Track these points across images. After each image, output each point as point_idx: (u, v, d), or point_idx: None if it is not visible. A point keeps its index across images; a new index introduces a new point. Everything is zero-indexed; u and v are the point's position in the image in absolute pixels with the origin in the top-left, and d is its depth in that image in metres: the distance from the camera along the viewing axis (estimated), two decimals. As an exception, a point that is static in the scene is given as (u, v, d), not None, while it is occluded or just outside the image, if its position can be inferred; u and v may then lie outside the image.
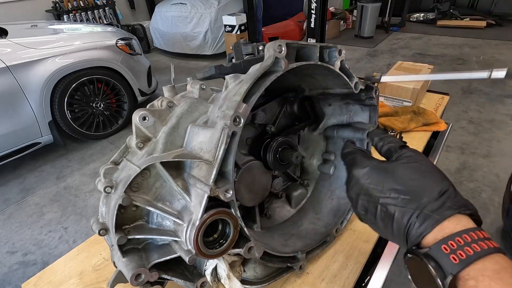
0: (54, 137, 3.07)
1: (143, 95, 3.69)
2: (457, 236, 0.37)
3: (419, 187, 0.42)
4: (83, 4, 5.78)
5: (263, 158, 0.77)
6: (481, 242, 0.36)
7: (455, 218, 0.39)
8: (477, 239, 0.36)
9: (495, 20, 6.81)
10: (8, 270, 2.09)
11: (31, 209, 2.61)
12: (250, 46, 0.95)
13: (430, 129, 1.37)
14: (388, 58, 5.39)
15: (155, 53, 6.80)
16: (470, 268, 0.35)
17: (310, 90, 0.88)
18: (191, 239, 0.52)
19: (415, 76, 1.49)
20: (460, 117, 3.40)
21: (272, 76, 0.58)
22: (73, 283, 0.82)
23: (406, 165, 0.46)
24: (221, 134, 0.52)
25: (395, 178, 0.45)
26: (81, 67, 3.06)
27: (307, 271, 0.79)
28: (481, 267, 0.35)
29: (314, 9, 4.40)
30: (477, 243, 0.36)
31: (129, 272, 0.52)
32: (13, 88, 2.66)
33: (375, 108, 0.83)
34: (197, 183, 0.53)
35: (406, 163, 0.46)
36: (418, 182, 0.43)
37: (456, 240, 0.37)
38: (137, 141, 0.61)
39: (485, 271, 0.34)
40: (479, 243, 0.36)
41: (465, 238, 0.36)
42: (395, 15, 7.02)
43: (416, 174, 0.44)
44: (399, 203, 0.42)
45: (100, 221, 0.61)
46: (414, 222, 0.40)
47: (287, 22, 6.29)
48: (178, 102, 0.66)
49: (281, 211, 0.91)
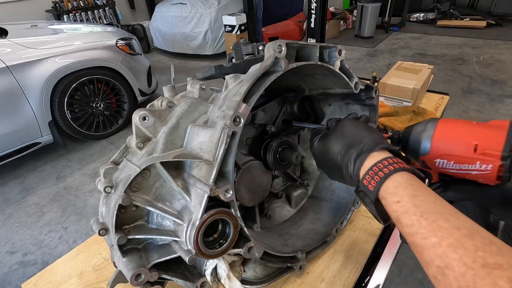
0: (54, 137, 3.07)
1: (143, 95, 3.69)
2: (374, 166, 0.46)
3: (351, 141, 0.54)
4: (83, 4, 5.78)
5: (263, 158, 0.78)
6: (390, 166, 0.45)
7: (378, 154, 0.49)
8: (387, 164, 0.45)
9: (495, 20, 6.81)
10: (8, 270, 2.09)
11: (31, 209, 2.61)
12: (250, 46, 0.96)
13: (430, 129, 1.36)
14: (388, 58, 5.39)
15: (155, 53, 6.80)
16: (381, 191, 0.44)
17: (310, 90, 0.88)
18: (191, 239, 0.52)
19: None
20: (460, 117, 3.39)
21: (272, 76, 0.58)
22: (73, 283, 0.82)
23: (338, 131, 0.58)
24: (221, 134, 0.52)
25: (332, 142, 0.57)
26: (81, 67, 3.06)
27: (307, 271, 0.79)
28: (385, 187, 0.44)
29: (314, 9, 4.40)
30: (387, 167, 0.45)
31: (129, 272, 0.52)
32: (13, 88, 2.66)
33: (375, 108, 0.83)
34: (197, 183, 0.53)
35: (338, 128, 0.59)
36: (349, 139, 0.54)
37: (373, 169, 0.46)
38: (137, 141, 0.61)
39: (388, 189, 0.44)
40: (388, 167, 0.45)
41: (379, 166, 0.46)
42: (395, 15, 7.02)
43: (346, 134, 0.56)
44: (341, 155, 0.54)
45: (100, 221, 0.61)
46: (351, 162, 0.51)
47: (287, 22, 6.29)
48: (178, 102, 0.66)
49: (281, 211, 0.91)
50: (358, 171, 0.49)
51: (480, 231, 0.34)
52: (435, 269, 0.34)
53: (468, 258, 0.31)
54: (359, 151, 0.50)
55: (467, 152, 0.47)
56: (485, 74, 4.42)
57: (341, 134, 0.56)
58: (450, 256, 0.33)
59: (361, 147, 0.51)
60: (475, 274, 0.30)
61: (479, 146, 0.46)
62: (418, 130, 0.54)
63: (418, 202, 0.39)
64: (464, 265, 0.31)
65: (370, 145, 0.50)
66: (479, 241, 0.33)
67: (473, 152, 0.46)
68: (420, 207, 0.39)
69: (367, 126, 0.56)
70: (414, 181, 0.43)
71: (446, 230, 0.35)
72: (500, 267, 0.29)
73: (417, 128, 0.55)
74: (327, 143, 0.58)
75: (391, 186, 0.43)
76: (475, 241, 0.33)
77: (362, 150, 0.50)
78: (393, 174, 0.44)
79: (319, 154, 0.60)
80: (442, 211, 0.37)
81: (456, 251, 0.33)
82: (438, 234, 0.35)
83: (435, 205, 0.39)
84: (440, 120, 0.53)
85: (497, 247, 0.32)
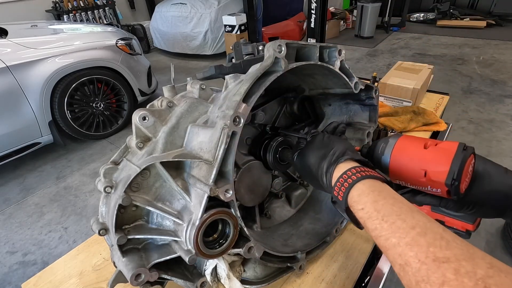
0: (54, 137, 3.07)
1: (143, 95, 3.69)
2: (340, 177, 0.49)
3: (322, 154, 0.57)
4: (83, 4, 5.78)
5: (263, 158, 0.77)
6: (353, 176, 0.48)
7: (344, 164, 0.52)
8: (351, 174, 0.48)
9: (495, 20, 6.81)
10: (8, 270, 2.09)
11: (31, 209, 2.61)
12: (250, 46, 0.96)
13: (430, 129, 1.37)
14: (388, 58, 5.39)
15: (155, 53, 6.80)
16: (348, 199, 0.47)
17: (310, 90, 0.88)
18: (191, 239, 0.52)
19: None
20: (460, 117, 3.40)
21: (272, 76, 0.58)
22: (73, 283, 0.82)
23: (311, 145, 0.62)
24: (221, 134, 0.52)
25: (307, 157, 0.60)
26: (81, 67, 3.06)
27: (307, 271, 0.79)
28: (351, 196, 0.47)
29: (314, 9, 4.40)
30: (350, 177, 0.48)
31: (129, 272, 0.52)
32: (13, 88, 2.66)
33: (375, 108, 0.83)
34: (197, 183, 0.53)
35: (311, 142, 0.63)
36: (321, 152, 0.58)
37: (340, 180, 0.49)
38: (137, 141, 0.61)
39: (353, 198, 0.47)
40: (352, 177, 0.48)
41: (344, 177, 0.49)
42: (395, 15, 7.02)
43: (318, 147, 0.59)
44: (315, 168, 0.57)
45: (100, 221, 0.61)
46: (323, 175, 0.54)
47: (287, 22, 6.28)
48: (178, 102, 0.66)
49: (281, 211, 0.91)
50: (330, 183, 0.52)
51: (433, 227, 0.37)
52: (398, 267, 0.36)
53: (421, 254, 0.34)
54: (328, 163, 0.54)
55: (419, 177, 0.51)
56: (485, 74, 4.42)
57: (314, 148, 0.60)
58: (407, 254, 0.35)
59: (330, 159, 0.54)
60: (428, 269, 0.33)
61: (428, 172, 0.50)
62: (379, 150, 0.58)
63: (379, 207, 0.43)
64: (419, 261, 0.34)
65: (337, 156, 0.54)
66: (430, 237, 0.36)
67: (423, 177, 0.51)
68: (381, 211, 0.42)
69: (337, 138, 0.60)
70: (375, 187, 0.46)
71: (403, 230, 0.38)
72: (448, 260, 0.32)
73: (378, 148, 0.58)
74: (303, 158, 0.62)
75: (355, 194, 0.46)
76: (427, 237, 0.36)
77: (331, 162, 0.54)
78: (357, 183, 0.47)
79: (299, 168, 0.64)
80: (399, 212, 0.40)
81: (412, 248, 0.35)
82: (397, 235, 0.38)
83: (393, 207, 0.42)
84: (398, 140, 0.56)
85: (446, 241, 0.35)
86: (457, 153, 0.48)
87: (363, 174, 0.48)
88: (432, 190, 0.51)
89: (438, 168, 0.49)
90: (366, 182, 0.47)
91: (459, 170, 0.47)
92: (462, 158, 0.47)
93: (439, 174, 0.48)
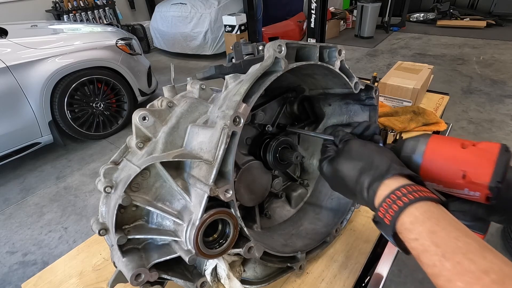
0: (54, 137, 3.07)
1: (143, 95, 3.69)
2: (387, 197, 0.43)
3: (362, 166, 0.51)
4: (83, 4, 5.78)
5: (263, 158, 0.77)
6: (404, 197, 0.41)
7: (391, 181, 0.45)
8: (401, 195, 0.42)
9: (495, 20, 6.81)
10: (8, 270, 2.09)
11: (31, 209, 2.61)
12: (250, 46, 0.96)
13: (430, 129, 1.37)
14: (388, 58, 5.39)
15: (155, 53, 6.80)
16: (397, 225, 0.41)
17: (310, 90, 0.88)
18: (191, 239, 0.52)
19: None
20: (460, 117, 3.40)
21: (272, 76, 0.58)
22: (73, 283, 0.82)
23: (346, 153, 0.56)
24: (221, 134, 0.52)
25: (342, 167, 0.54)
26: (81, 67, 3.06)
27: (307, 271, 0.79)
28: (401, 222, 0.40)
29: (314, 9, 4.40)
30: (400, 199, 0.41)
31: (129, 272, 0.52)
32: (13, 88, 2.66)
33: (375, 108, 0.83)
34: (197, 183, 0.53)
35: (347, 151, 0.56)
36: (360, 163, 0.51)
37: (387, 201, 0.43)
38: (137, 141, 0.61)
39: (404, 225, 0.40)
40: (402, 198, 0.41)
41: (392, 197, 0.42)
42: (395, 15, 7.02)
43: (356, 157, 0.53)
44: (353, 182, 0.51)
45: (100, 221, 0.61)
46: (364, 190, 0.48)
47: (287, 22, 6.28)
48: (178, 102, 0.66)
49: (281, 211, 0.91)
50: (373, 201, 0.46)
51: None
52: None
53: None
54: (372, 179, 0.47)
55: (456, 178, 0.47)
56: (485, 74, 4.42)
57: (351, 158, 0.53)
58: None
59: (372, 174, 0.48)
60: None
61: (468, 174, 0.46)
62: (408, 149, 0.53)
63: (438, 240, 0.36)
64: None
65: (382, 171, 0.47)
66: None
67: (462, 178, 0.46)
68: (441, 246, 0.35)
69: (378, 147, 0.53)
70: (432, 213, 0.39)
71: (472, 275, 0.32)
72: None
73: (408, 146, 0.53)
74: (337, 167, 0.55)
75: (407, 221, 0.40)
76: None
77: (374, 177, 0.47)
78: (408, 206, 0.40)
79: (329, 178, 0.58)
80: (466, 250, 0.34)
81: None
82: (464, 279, 0.32)
83: (458, 242, 0.35)
84: (430, 139, 0.52)
85: None
86: (500, 154, 0.44)
87: (415, 195, 0.40)
88: (468, 193, 0.46)
89: (480, 170, 0.45)
90: (420, 206, 0.40)
91: (503, 172, 0.43)
92: (507, 159, 0.44)
93: (481, 176, 0.44)
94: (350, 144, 0.57)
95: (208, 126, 0.58)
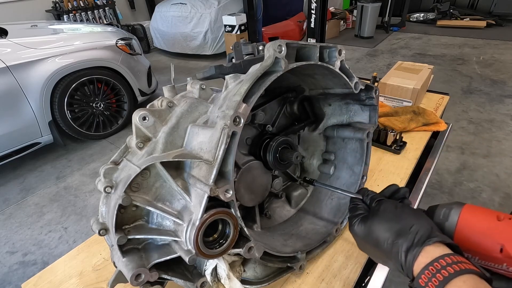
0: (54, 137, 3.07)
1: (143, 95, 3.69)
2: (430, 265, 0.42)
3: (399, 228, 0.49)
4: (83, 4, 5.78)
5: (263, 158, 0.77)
6: (449, 268, 0.40)
7: (433, 248, 0.44)
8: (445, 265, 0.40)
9: (495, 20, 6.81)
10: (8, 270, 2.09)
11: (31, 209, 2.61)
12: (250, 46, 0.96)
13: (430, 129, 1.37)
14: (388, 58, 5.39)
15: (155, 53, 6.80)
16: None
17: (310, 90, 0.88)
18: (191, 239, 0.52)
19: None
20: (460, 117, 3.40)
21: (272, 76, 0.58)
22: (73, 283, 0.82)
23: (381, 214, 0.54)
24: (221, 134, 0.52)
25: (377, 228, 0.52)
26: (81, 67, 3.06)
27: (307, 271, 0.79)
28: None
29: (314, 9, 4.40)
30: (445, 268, 0.40)
31: (129, 272, 0.52)
32: (13, 88, 2.66)
33: (375, 108, 0.83)
34: (197, 183, 0.53)
35: (381, 211, 0.54)
36: (397, 226, 0.50)
37: (430, 269, 0.41)
38: (137, 141, 0.61)
39: None
40: (447, 268, 0.40)
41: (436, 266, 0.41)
42: (395, 15, 7.02)
43: (392, 219, 0.51)
44: (388, 244, 0.49)
45: (100, 221, 0.61)
46: (401, 255, 0.47)
47: (287, 22, 6.29)
48: (178, 102, 0.66)
49: (281, 211, 0.91)
50: (411, 266, 0.45)
51: None
52: None
53: None
54: (410, 243, 0.46)
55: (493, 251, 0.45)
56: (485, 74, 4.42)
57: (386, 219, 0.52)
58: None
59: (411, 238, 0.46)
60: None
61: (505, 247, 0.44)
62: (440, 217, 0.52)
63: None
64: None
65: (422, 237, 0.46)
66: None
67: (499, 252, 0.44)
68: None
69: (413, 211, 0.52)
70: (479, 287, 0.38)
71: None
72: None
73: (439, 214, 0.52)
74: (370, 228, 0.53)
75: None
76: None
77: (414, 243, 0.46)
78: (454, 278, 0.39)
79: (361, 237, 0.56)
80: None
81: None
82: None
83: None
84: (464, 208, 0.50)
85: None
86: None
87: (461, 267, 0.39)
88: (507, 269, 0.44)
89: None
90: (466, 278, 0.38)
91: None
92: None
93: None
94: (385, 204, 0.55)
95: (208, 126, 0.58)
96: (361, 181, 0.88)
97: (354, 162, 0.90)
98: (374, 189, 0.65)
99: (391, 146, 1.24)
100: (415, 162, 1.18)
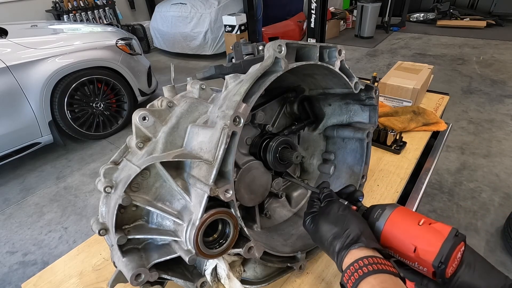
0: (54, 137, 3.07)
1: (143, 95, 3.69)
2: (351, 265, 0.48)
3: (336, 231, 0.56)
4: (83, 4, 5.78)
5: (263, 158, 0.77)
6: (365, 268, 0.46)
7: (357, 251, 0.51)
8: (363, 265, 0.47)
9: (495, 20, 6.81)
10: (8, 270, 2.09)
11: (31, 209, 2.61)
12: (250, 46, 0.96)
13: (430, 129, 1.37)
14: (388, 58, 5.39)
15: (155, 53, 6.80)
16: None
17: (310, 90, 0.88)
18: (191, 239, 0.52)
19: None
20: (460, 117, 3.40)
21: (272, 76, 0.58)
22: (73, 283, 0.82)
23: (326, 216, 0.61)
24: (221, 134, 0.52)
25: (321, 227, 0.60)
26: (81, 67, 3.06)
27: (307, 271, 0.79)
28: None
29: (314, 9, 4.40)
30: (361, 268, 0.47)
31: (129, 272, 0.52)
32: (13, 88, 2.66)
33: (375, 108, 0.83)
34: (197, 183, 0.53)
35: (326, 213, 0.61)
36: (335, 228, 0.57)
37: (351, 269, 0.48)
38: (137, 141, 0.61)
39: None
40: (363, 268, 0.46)
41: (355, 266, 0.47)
42: (395, 15, 7.02)
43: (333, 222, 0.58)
44: (327, 243, 0.57)
45: (100, 221, 0.61)
46: (335, 255, 0.54)
47: (287, 22, 6.29)
48: (178, 102, 0.66)
49: (281, 211, 0.91)
50: (341, 265, 0.52)
51: None
52: None
53: None
54: (341, 245, 0.54)
55: (408, 251, 0.52)
56: (485, 74, 4.42)
57: (328, 221, 0.59)
58: None
59: (343, 241, 0.54)
60: None
61: (418, 249, 0.50)
62: (374, 217, 0.59)
63: None
64: None
65: (351, 241, 0.53)
66: None
67: (413, 252, 0.51)
68: None
69: (353, 217, 0.58)
70: (387, 283, 0.44)
71: None
72: None
73: (374, 214, 0.59)
74: (316, 226, 0.61)
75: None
76: None
77: (344, 245, 0.53)
78: (368, 276, 0.46)
79: (310, 232, 0.64)
80: None
81: None
82: None
83: None
84: (394, 211, 0.57)
85: None
86: (449, 237, 0.49)
87: (375, 267, 0.46)
88: (418, 267, 0.51)
89: (427, 247, 0.49)
90: (377, 277, 0.45)
91: (447, 255, 0.47)
92: (452, 243, 0.48)
93: (427, 254, 0.49)
94: (331, 206, 0.62)
95: (208, 126, 0.58)
96: (361, 181, 0.88)
97: (354, 162, 0.90)
98: (374, 189, 0.65)
99: (391, 146, 1.24)
100: (415, 162, 1.18)
